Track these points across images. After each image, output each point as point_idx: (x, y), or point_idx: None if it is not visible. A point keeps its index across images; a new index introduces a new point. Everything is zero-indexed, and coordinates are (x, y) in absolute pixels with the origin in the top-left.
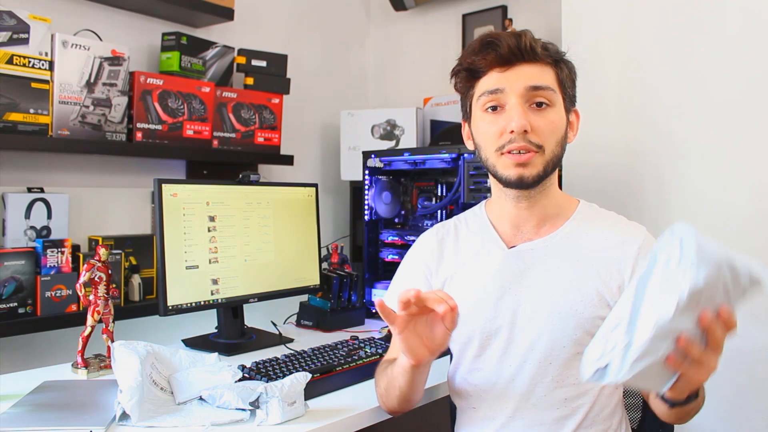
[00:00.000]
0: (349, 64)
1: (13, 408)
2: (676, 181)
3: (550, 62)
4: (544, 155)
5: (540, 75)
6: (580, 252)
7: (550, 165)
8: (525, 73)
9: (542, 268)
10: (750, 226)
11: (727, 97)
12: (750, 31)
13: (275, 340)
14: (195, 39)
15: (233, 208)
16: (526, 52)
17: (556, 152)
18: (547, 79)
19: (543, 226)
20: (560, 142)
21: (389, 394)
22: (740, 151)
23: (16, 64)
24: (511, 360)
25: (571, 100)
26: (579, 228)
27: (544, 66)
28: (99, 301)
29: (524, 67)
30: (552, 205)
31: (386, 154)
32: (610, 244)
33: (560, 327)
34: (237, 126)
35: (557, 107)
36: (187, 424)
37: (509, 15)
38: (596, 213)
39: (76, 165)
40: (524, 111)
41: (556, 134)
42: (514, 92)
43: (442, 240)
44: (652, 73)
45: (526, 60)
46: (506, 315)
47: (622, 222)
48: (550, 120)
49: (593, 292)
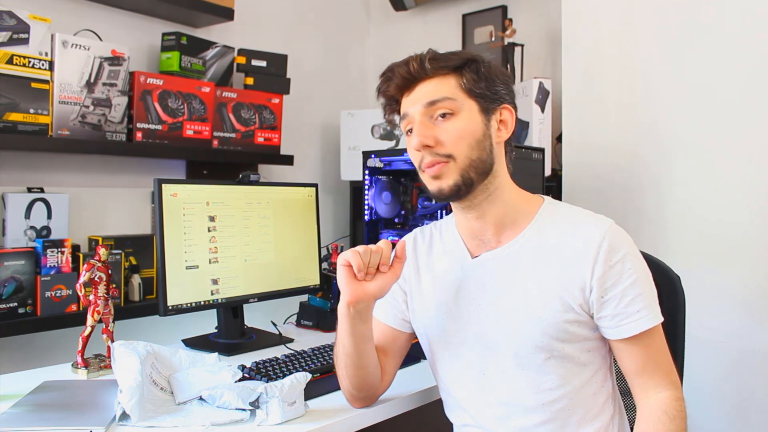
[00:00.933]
0: (349, 64)
1: (13, 408)
2: (675, 181)
3: (448, 72)
4: (456, 163)
5: (436, 89)
6: (540, 257)
7: (469, 170)
8: (423, 91)
9: (504, 277)
10: (749, 226)
11: (727, 98)
12: (750, 32)
13: (275, 340)
14: (195, 39)
15: (233, 208)
16: (416, 72)
17: (474, 156)
18: (443, 90)
19: (503, 233)
20: (476, 145)
21: (342, 369)
22: (740, 152)
23: (16, 64)
24: (485, 369)
25: (492, 99)
26: (539, 232)
27: (442, 77)
28: (99, 301)
29: (422, 85)
30: (507, 211)
31: (386, 154)
32: (570, 246)
33: (525, 335)
34: (237, 126)
35: (464, 113)
36: (187, 424)
37: (509, 15)
38: (558, 213)
39: (76, 165)
40: (425, 127)
41: (466, 139)
42: (417, 112)
43: (416, 248)
44: (651, 74)
45: (422, 78)
46: (473, 326)
47: (585, 220)
48: (455, 128)
49: (555, 297)
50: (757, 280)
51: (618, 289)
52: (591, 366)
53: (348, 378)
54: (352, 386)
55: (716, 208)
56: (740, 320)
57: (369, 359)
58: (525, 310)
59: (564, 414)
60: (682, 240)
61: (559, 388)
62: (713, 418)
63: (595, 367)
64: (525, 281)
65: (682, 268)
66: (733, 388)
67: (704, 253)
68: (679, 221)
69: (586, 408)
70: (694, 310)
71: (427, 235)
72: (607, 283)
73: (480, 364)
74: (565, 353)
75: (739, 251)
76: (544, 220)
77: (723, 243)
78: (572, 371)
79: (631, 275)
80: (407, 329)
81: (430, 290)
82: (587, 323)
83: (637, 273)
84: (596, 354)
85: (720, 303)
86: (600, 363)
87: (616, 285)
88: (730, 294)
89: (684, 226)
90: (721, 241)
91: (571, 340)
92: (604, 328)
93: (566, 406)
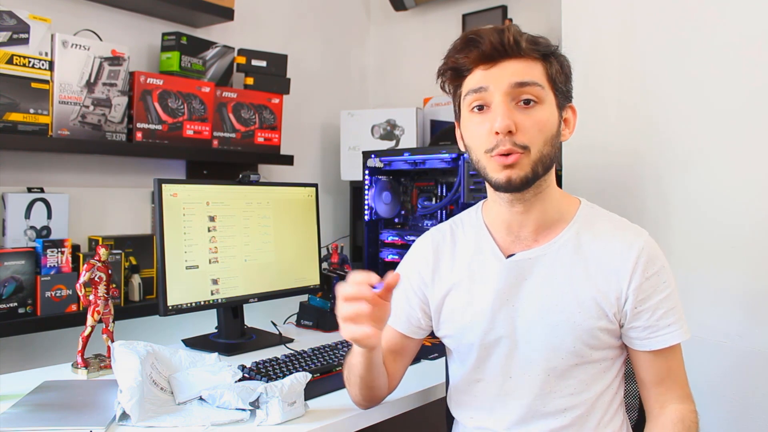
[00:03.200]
0: (349, 64)
1: (13, 408)
2: (676, 182)
3: (538, 57)
4: (530, 155)
5: (526, 70)
6: (578, 261)
7: (539, 165)
8: (510, 69)
9: (540, 278)
10: (750, 226)
11: (728, 98)
12: (750, 32)
13: (275, 340)
14: (195, 39)
15: (233, 208)
16: (509, 47)
17: (545, 152)
18: (534, 74)
19: (541, 233)
20: (550, 141)
21: (353, 385)
22: (740, 152)
23: (16, 64)
24: (511, 372)
25: (565, 96)
26: (578, 235)
27: (531, 61)
28: (99, 301)
29: (509, 63)
30: (551, 210)
31: (386, 154)
32: (608, 252)
33: (558, 339)
34: (237, 126)
35: (546, 104)
36: (187, 424)
37: (509, 15)
38: (596, 217)
39: (76, 165)
40: (508, 110)
41: (544, 133)
42: (498, 90)
43: (437, 249)
44: (652, 74)
45: (511, 56)
46: (504, 327)
47: (623, 227)
48: (538, 118)
49: (591, 302)
50: (757, 280)
51: (653, 301)
52: (610, 373)
53: (359, 391)
54: (362, 398)
55: (716, 208)
56: (740, 320)
57: (380, 378)
58: (559, 313)
59: (581, 420)
60: (682, 240)
61: (581, 393)
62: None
63: (614, 375)
64: (561, 284)
65: (683, 268)
66: (733, 388)
67: (704, 253)
68: (679, 221)
69: (602, 414)
70: (694, 310)
71: (447, 234)
72: (643, 295)
73: (507, 367)
74: (593, 359)
75: (739, 251)
76: (582, 223)
77: (723, 243)
78: (595, 377)
79: (666, 288)
80: (419, 336)
81: (457, 290)
82: (614, 331)
83: (670, 287)
84: (617, 362)
85: (720, 303)
86: (618, 370)
87: (652, 297)
88: (730, 294)
89: (684, 227)
90: (722, 241)
91: (600, 347)
92: (632, 339)
93: (584, 413)
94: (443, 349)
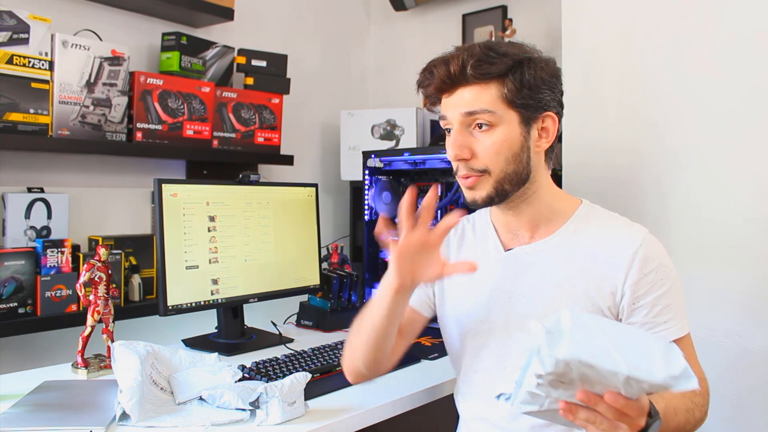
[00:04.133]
0: (349, 64)
1: (13, 408)
2: (676, 182)
3: (490, 79)
4: (491, 177)
5: (475, 98)
6: (574, 256)
7: (504, 183)
8: (462, 98)
9: (537, 272)
10: (750, 226)
11: (728, 98)
12: (751, 32)
13: (275, 340)
14: (195, 39)
15: (233, 208)
16: (455, 78)
17: (510, 170)
18: (483, 100)
19: (537, 231)
20: (513, 159)
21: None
22: (740, 152)
23: (16, 64)
24: (507, 362)
25: (535, 108)
26: (575, 232)
27: (483, 85)
28: (99, 301)
29: (462, 90)
30: (544, 211)
31: (386, 154)
32: (604, 248)
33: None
34: (237, 126)
35: (502, 125)
36: (187, 424)
37: (509, 15)
38: (595, 215)
39: (76, 165)
40: (462, 137)
41: (502, 154)
42: (455, 119)
43: (447, 240)
44: (652, 74)
45: (462, 83)
46: (499, 318)
47: (622, 225)
48: (492, 142)
49: (586, 297)
50: (757, 280)
51: (650, 298)
52: None
53: (362, 354)
54: (362, 363)
55: (716, 208)
56: (740, 320)
57: (390, 340)
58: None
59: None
60: (682, 240)
61: None
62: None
63: None
64: (557, 278)
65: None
66: (733, 388)
67: (704, 253)
68: (679, 221)
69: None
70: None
71: (459, 226)
72: (640, 291)
73: (502, 356)
74: None
75: (739, 251)
76: (580, 221)
77: (723, 243)
78: None
79: (663, 285)
80: (428, 313)
81: (461, 280)
82: None
83: (669, 283)
84: None
85: (720, 303)
86: None
87: (649, 294)
88: (730, 294)
89: (684, 226)
90: (721, 241)
91: None
92: None
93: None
94: (443, 349)
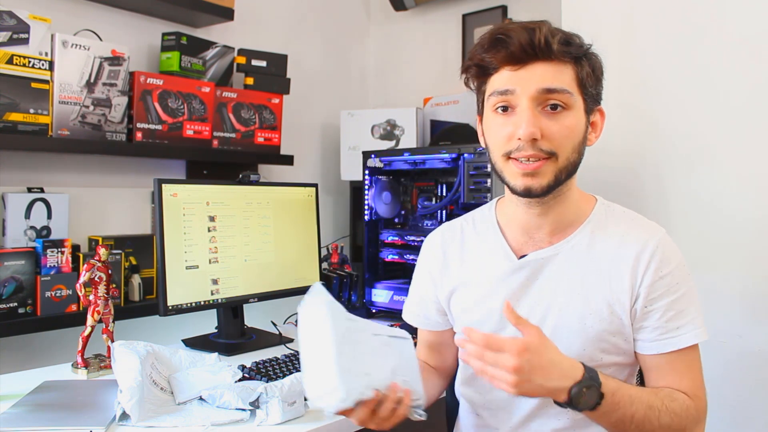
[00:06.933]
0: (349, 64)
1: (13, 408)
2: (677, 182)
3: (569, 60)
4: (557, 163)
5: (555, 76)
6: (590, 260)
7: (563, 173)
8: (539, 73)
9: (551, 278)
10: (750, 226)
11: (729, 98)
12: (752, 31)
13: (275, 340)
14: (195, 39)
15: (233, 208)
16: (540, 49)
17: (572, 159)
18: (563, 80)
19: (556, 234)
20: (577, 147)
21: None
22: (741, 152)
23: (16, 64)
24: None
25: (594, 100)
26: (592, 234)
27: (562, 64)
28: (99, 301)
29: (538, 66)
30: (569, 211)
31: (386, 154)
32: (621, 250)
33: (567, 342)
34: (237, 126)
35: (575, 110)
36: (187, 424)
37: (509, 15)
38: (612, 215)
39: (76, 165)
40: (535, 116)
41: (572, 140)
42: (525, 94)
43: (446, 246)
44: (652, 74)
45: (541, 58)
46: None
47: (638, 224)
48: (566, 125)
49: (603, 305)
50: (757, 280)
51: (664, 302)
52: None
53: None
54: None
55: (717, 208)
56: (740, 320)
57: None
58: (570, 315)
59: (586, 422)
60: (683, 240)
61: None
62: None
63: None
64: (573, 285)
65: None
66: (733, 388)
67: (704, 253)
68: (679, 221)
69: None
70: None
71: (458, 230)
72: (654, 294)
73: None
74: (604, 364)
75: (739, 251)
76: (596, 222)
77: (723, 243)
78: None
79: (678, 290)
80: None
81: (466, 289)
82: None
83: (684, 287)
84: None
85: (720, 303)
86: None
87: (663, 297)
88: (730, 294)
89: (685, 226)
90: (722, 241)
91: (612, 351)
92: (641, 341)
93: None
94: None
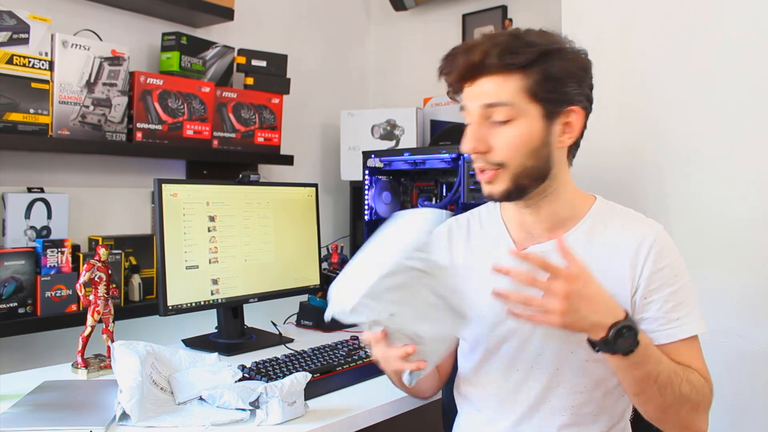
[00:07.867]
0: (349, 64)
1: (13, 408)
2: (677, 182)
3: (515, 70)
4: (507, 171)
5: (496, 90)
6: (590, 255)
7: (522, 178)
8: (482, 89)
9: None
10: (750, 226)
11: (729, 98)
12: (752, 31)
13: (275, 340)
14: (195, 39)
15: (233, 208)
16: (477, 67)
17: (529, 164)
18: (504, 93)
19: (554, 230)
20: (533, 153)
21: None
22: (740, 152)
23: (16, 64)
24: (519, 365)
25: (559, 102)
26: (591, 230)
27: (506, 76)
28: (99, 301)
29: (483, 81)
30: (563, 209)
31: (386, 154)
32: (620, 245)
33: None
34: (237, 126)
35: (524, 119)
36: (187, 424)
37: (509, 15)
38: (610, 213)
39: (76, 165)
40: (479, 130)
41: (521, 149)
42: (472, 111)
43: (452, 235)
44: (652, 74)
45: (484, 72)
46: (514, 320)
47: (635, 223)
48: (512, 135)
49: None
50: (757, 280)
51: (663, 292)
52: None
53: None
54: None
55: (717, 208)
56: (740, 320)
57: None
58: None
59: (588, 419)
60: (682, 240)
61: (592, 391)
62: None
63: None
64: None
65: None
66: (733, 388)
67: (704, 253)
68: (679, 221)
69: (610, 414)
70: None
71: (464, 224)
72: (653, 285)
73: (515, 361)
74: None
75: (739, 251)
76: (596, 218)
77: (723, 243)
78: (605, 375)
79: (677, 282)
80: None
81: (469, 281)
82: None
83: (682, 281)
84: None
85: (720, 303)
86: None
87: (662, 288)
88: (730, 294)
89: (685, 226)
90: (721, 241)
91: None
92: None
93: (592, 411)
94: None
